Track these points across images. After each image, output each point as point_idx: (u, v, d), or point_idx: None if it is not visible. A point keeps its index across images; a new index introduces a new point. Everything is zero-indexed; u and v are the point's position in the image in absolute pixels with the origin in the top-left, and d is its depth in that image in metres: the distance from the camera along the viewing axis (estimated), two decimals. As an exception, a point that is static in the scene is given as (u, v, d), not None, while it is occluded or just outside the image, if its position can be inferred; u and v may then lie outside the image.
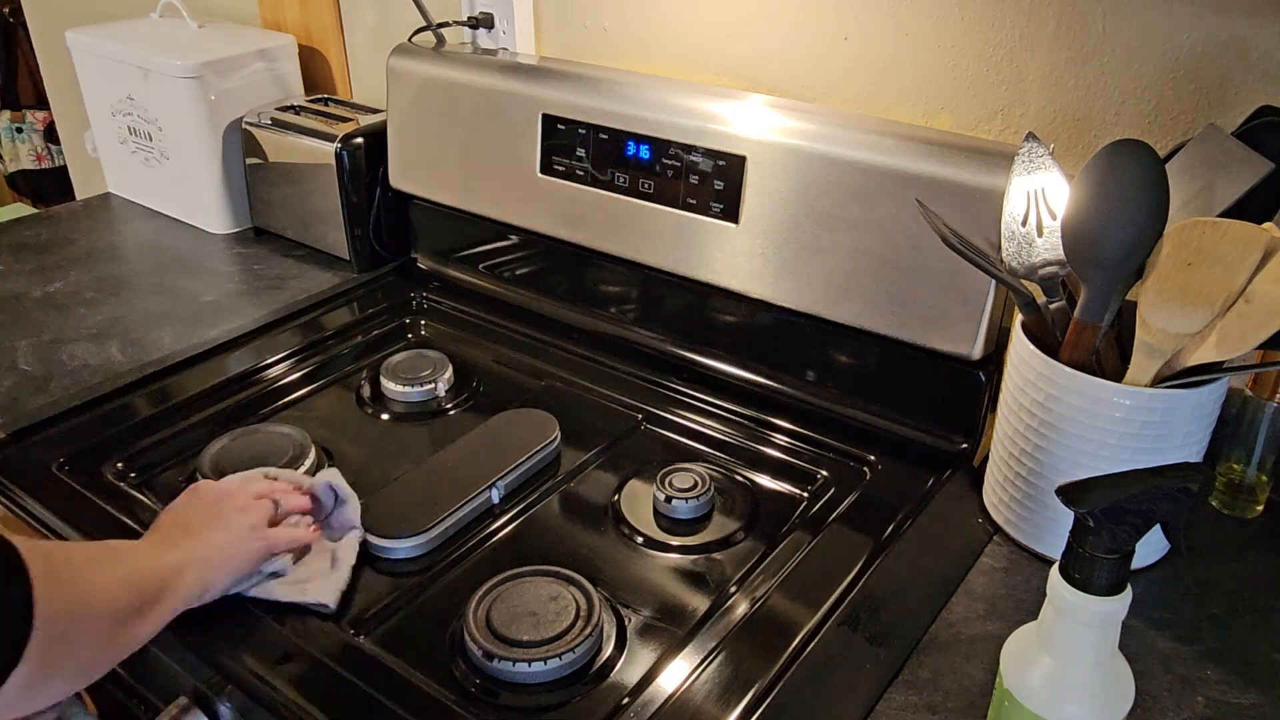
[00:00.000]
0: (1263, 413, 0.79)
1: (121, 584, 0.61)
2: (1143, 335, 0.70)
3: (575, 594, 0.70)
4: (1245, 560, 0.77)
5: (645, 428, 0.95)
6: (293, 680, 0.65)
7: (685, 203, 0.96)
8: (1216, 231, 0.65)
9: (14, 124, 2.89)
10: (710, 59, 1.05)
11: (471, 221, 1.15)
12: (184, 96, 1.26)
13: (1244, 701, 0.64)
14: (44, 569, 0.54)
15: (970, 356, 0.85)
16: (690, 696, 0.64)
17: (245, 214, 1.33)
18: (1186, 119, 0.82)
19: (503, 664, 0.65)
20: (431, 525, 0.78)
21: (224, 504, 0.73)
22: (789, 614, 0.71)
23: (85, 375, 0.99)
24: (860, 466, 0.88)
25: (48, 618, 0.53)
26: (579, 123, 1.01)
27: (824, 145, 0.87)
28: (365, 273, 1.22)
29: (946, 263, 0.82)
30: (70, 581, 0.57)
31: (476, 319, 1.14)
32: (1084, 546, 0.49)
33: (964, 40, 0.89)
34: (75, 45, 1.37)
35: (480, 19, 1.16)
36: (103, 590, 0.59)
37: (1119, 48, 0.82)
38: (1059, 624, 0.51)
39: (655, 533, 0.80)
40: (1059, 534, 0.52)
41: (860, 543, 0.78)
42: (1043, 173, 0.75)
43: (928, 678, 0.66)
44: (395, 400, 0.98)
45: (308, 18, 1.39)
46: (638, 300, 1.06)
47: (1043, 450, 0.74)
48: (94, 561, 0.61)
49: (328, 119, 1.22)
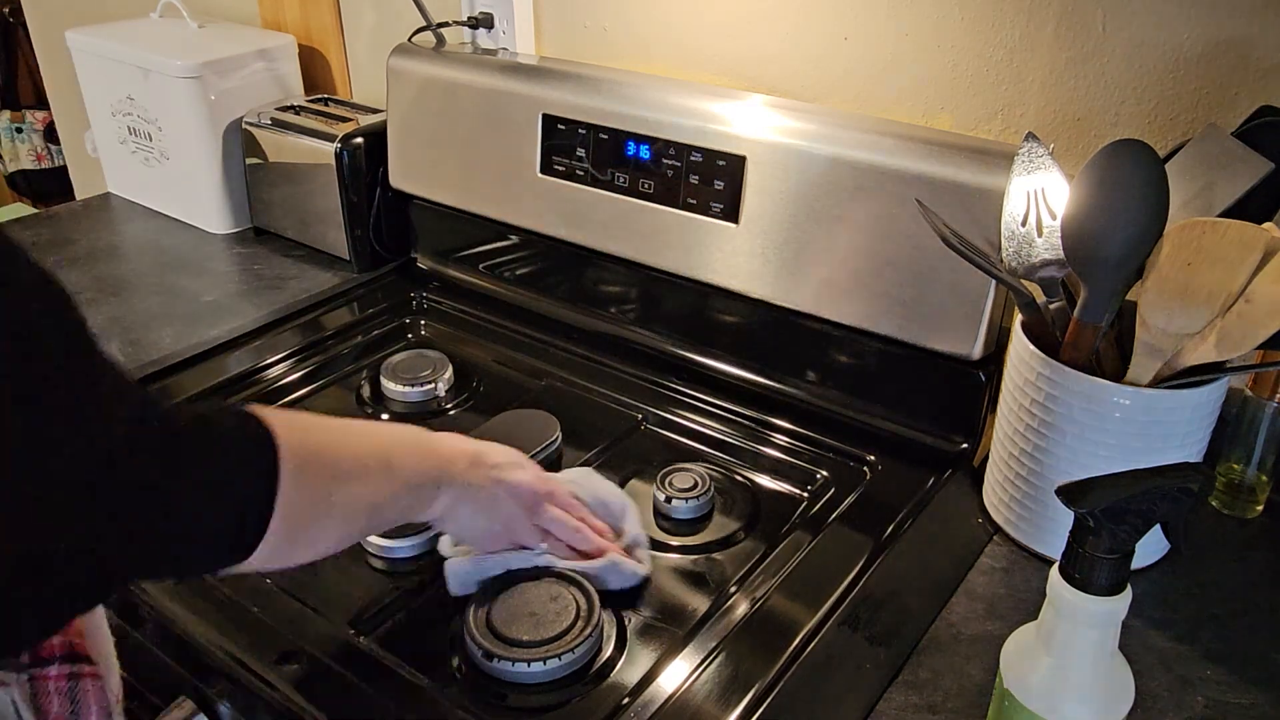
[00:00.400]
0: (1263, 413, 0.79)
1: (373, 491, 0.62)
2: (1143, 335, 0.70)
3: (575, 594, 0.70)
4: (1245, 560, 0.77)
5: (645, 428, 0.95)
6: (293, 680, 0.65)
7: (685, 203, 0.96)
8: (1216, 231, 0.65)
9: (14, 124, 2.89)
10: (710, 59, 1.05)
11: (471, 221, 1.15)
12: (184, 96, 1.26)
13: (1244, 701, 0.64)
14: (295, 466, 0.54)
15: (970, 356, 0.85)
16: (690, 696, 0.64)
17: (245, 214, 1.33)
18: (1186, 119, 0.82)
19: (503, 664, 0.65)
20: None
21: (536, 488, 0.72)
22: (789, 614, 0.71)
23: (85, 375, 0.99)
24: (860, 466, 0.88)
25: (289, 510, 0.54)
26: (579, 123, 1.01)
27: (824, 145, 0.87)
28: (365, 273, 1.22)
29: (946, 263, 0.82)
30: (321, 491, 0.57)
31: (476, 319, 1.14)
32: (1084, 546, 0.49)
33: (964, 40, 0.89)
34: (75, 45, 1.37)
35: (480, 19, 1.16)
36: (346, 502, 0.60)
37: (1119, 48, 0.82)
38: (1059, 624, 0.51)
39: (655, 533, 0.80)
40: (1059, 534, 0.52)
41: (860, 543, 0.78)
42: (1043, 173, 0.75)
43: (928, 678, 0.66)
44: (395, 400, 0.98)
45: (308, 18, 1.39)
46: (638, 300, 1.06)
47: (1043, 450, 0.74)
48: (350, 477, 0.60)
49: (328, 119, 1.22)
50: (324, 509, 0.58)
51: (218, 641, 0.68)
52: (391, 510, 0.65)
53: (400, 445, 0.65)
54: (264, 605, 0.71)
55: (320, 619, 0.71)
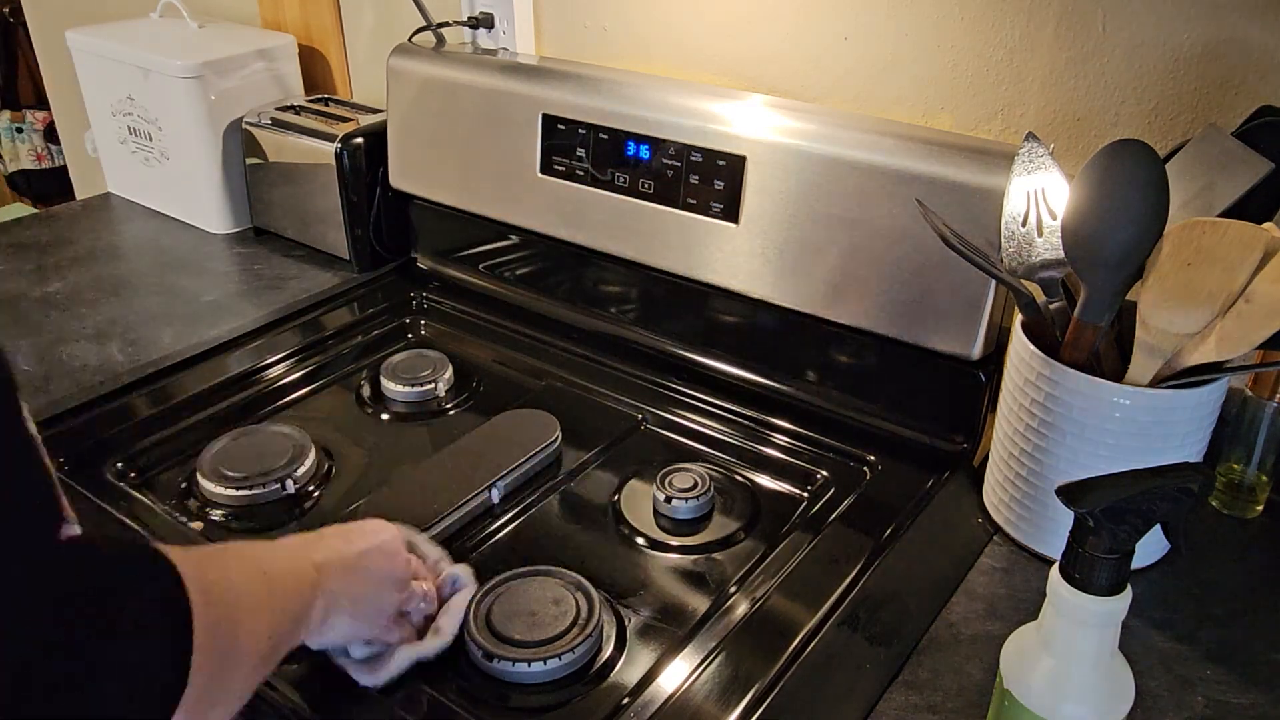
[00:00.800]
0: (1263, 413, 0.79)
1: (269, 623, 0.54)
2: (1143, 335, 0.70)
3: (575, 594, 0.70)
4: (1245, 560, 0.77)
5: (645, 428, 0.95)
6: (293, 680, 0.65)
7: (685, 203, 0.96)
8: (1216, 231, 0.65)
9: (14, 124, 2.89)
10: (710, 59, 1.05)
11: (471, 221, 1.15)
12: (184, 96, 1.26)
13: (1244, 701, 0.64)
14: (203, 606, 0.46)
15: (970, 356, 0.85)
16: (690, 696, 0.64)
17: (245, 214, 1.32)
18: (1186, 119, 0.82)
19: (503, 664, 0.65)
20: (431, 525, 0.78)
21: (387, 560, 0.65)
22: (789, 614, 0.71)
23: (85, 375, 0.99)
24: (860, 466, 0.88)
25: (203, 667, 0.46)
26: (579, 123, 1.01)
27: (824, 145, 0.87)
28: (365, 273, 1.22)
29: (946, 263, 0.82)
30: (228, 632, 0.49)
31: (476, 319, 1.14)
32: (1084, 546, 0.49)
33: (964, 40, 0.89)
34: (75, 45, 1.37)
35: (480, 19, 1.16)
36: (250, 630, 0.52)
37: (1119, 48, 0.82)
38: (1059, 624, 0.51)
39: (655, 533, 0.80)
40: (1059, 534, 0.52)
41: (860, 543, 0.78)
42: (1043, 173, 0.75)
43: (928, 678, 0.66)
44: (395, 400, 0.98)
45: (308, 18, 1.39)
46: (638, 300, 1.06)
47: (1043, 450, 0.74)
48: (249, 598, 0.53)
49: (328, 119, 1.22)
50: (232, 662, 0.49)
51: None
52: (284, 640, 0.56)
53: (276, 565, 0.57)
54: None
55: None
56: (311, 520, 0.82)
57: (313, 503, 0.84)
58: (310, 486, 0.85)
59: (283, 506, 0.84)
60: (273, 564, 0.57)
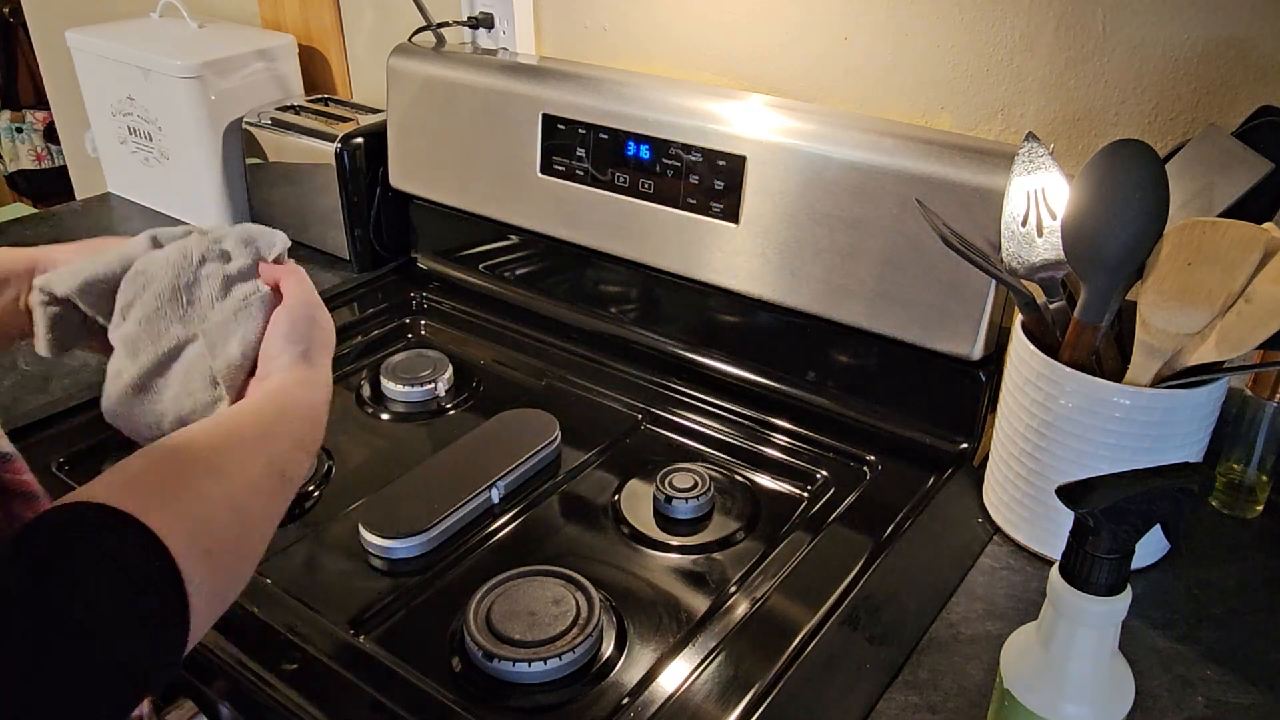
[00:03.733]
0: (1263, 413, 0.79)
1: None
2: (1143, 335, 0.70)
3: (575, 594, 0.70)
4: (1245, 560, 0.77)
5: (645, 428, 0.95)
6: (293, 680, 0.65)
7: (685, 203, 0.96)
8: (1216, 231, 0.65)
9: (14, 124, 2.89)
10: (710, 59, 1.05)
11: (471, 221, 1.15)
12: (184, 96, 1.26)
13: (1244, 701, 0.64)
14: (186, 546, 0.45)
15: (970, 356, 0.85)
16: (690, 696, 0.64)
17: (245, 214, 1.32)
18: (1186, 119, 0.82)
19: (503, 664, 0.65)
20: (431, 525, 0.78)
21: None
22: (789, 614, 0.71)
23: (85, 375, 0.99)
24: (860, 466, 0.88)
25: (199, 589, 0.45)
26: (579, 123, 1.01)
27: (824, 145, 0.87)
28: (365, 273, 1.22)
29: (946, 263, 0.82)
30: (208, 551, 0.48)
31: (476, 319, 1.14)
32: (1084, 546, 0.49)
33: (964, 40, 0.89)
34: (75, 45, 1.37)
35: (480, 19, 1.16)
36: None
37: (1119, 48, 0.82)
38: (1059, 624, 0.51)
39: (655, 533, 0.80)
40: (1059, 534, 0.52)
41: (860, 543, 0.78)
42: (1043, 173, 0.75)
43: (928, 678, 0.66)
44: (395, 400, 0.98)
45: (308, 18, 1.39)
46: (638, 300, 1.06)
47: (1043, 450, 0.74)
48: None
49: (328, 119, 1.23)
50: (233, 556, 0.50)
51: (218, 642, 0.68)
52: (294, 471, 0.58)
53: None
54: (264, 605, 0.71)
55: (320, 619, 0.71)
56: (312, 520, 0.82)
57: (313, 502, 0.84)
58: (310, 486, 0.85)
59: (283, 506, 0.83)
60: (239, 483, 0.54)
